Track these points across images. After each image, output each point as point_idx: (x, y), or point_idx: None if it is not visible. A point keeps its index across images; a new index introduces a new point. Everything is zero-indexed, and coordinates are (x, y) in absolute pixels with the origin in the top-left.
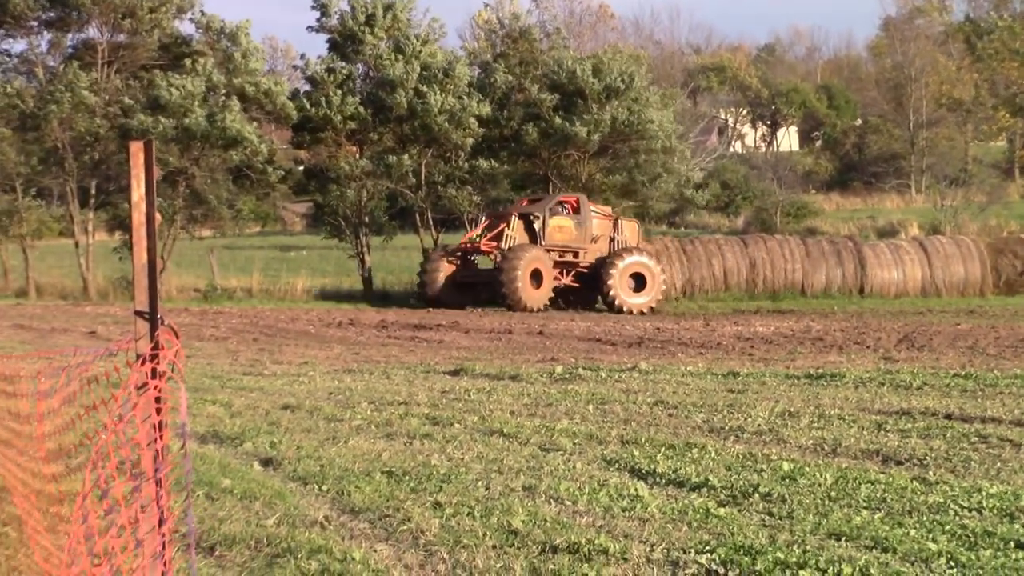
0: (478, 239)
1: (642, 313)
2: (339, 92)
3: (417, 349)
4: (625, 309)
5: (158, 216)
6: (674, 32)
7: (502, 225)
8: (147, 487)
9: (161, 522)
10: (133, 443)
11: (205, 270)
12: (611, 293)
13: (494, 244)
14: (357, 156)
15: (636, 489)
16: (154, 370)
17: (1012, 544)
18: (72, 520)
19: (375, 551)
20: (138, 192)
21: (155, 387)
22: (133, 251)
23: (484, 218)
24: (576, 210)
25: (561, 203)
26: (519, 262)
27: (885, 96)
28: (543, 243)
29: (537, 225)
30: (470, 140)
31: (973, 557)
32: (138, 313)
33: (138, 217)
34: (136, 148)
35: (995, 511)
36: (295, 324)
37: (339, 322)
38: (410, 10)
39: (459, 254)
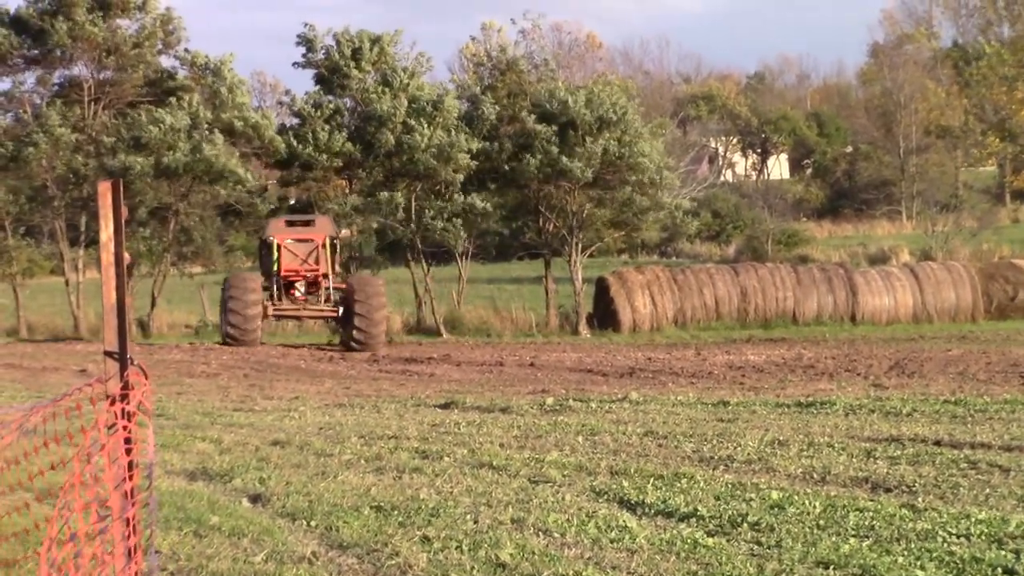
0: (301, 263)
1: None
2: (326, 127)
3: (408, 382)
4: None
5: (127, 256)
6: (663, 61)
7: (316, 248)
8: (115, 527)
9: (129, 560)
10: (100, 483)
11: (196, 306)
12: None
13: (316, 269)
14: (347, 191)
15: (624, 520)
16: (124, 410)
17: (1000, 570)
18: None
19: None
20: (106, 232)
21: (124, 427)
22: (103, 291)
23: (267, 242)
24: None
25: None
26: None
27: (875, 123)
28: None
29: (338, 246)
30: (460, 176)
31: None
32: (107, 353)
33: (106, 257)
34: (104, 188)
35: (983, 537)
36: (286, 359)
37: (330, 356)
38: (396, 44)
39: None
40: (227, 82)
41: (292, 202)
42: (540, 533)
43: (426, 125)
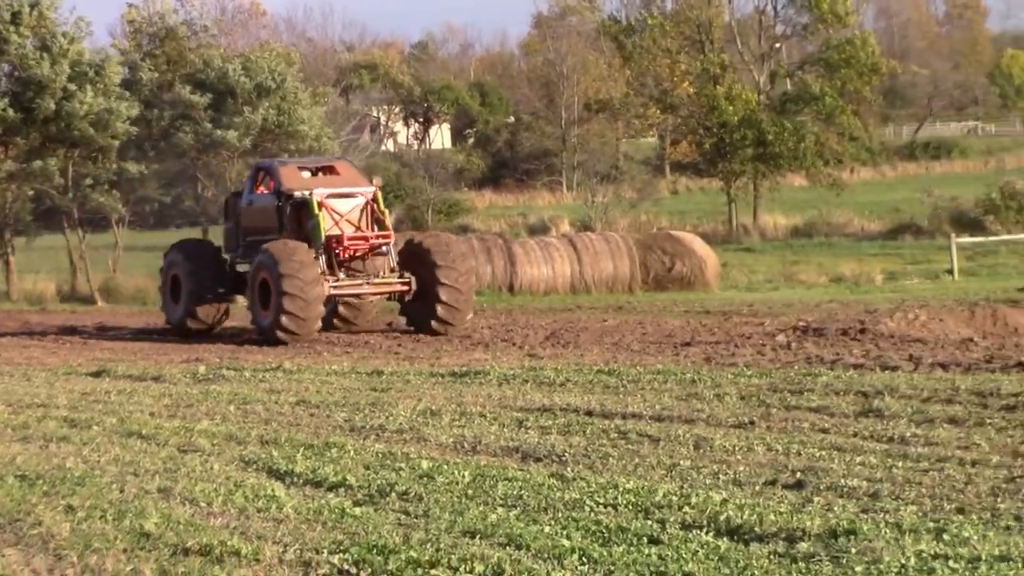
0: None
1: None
2: None
3: (60, 351)
4: None
5: None
6: (327, 29)
7: (367, 205)
8: None
9: None
10: None
11: None
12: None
13: (388, 235)
14: (2, 157)
15: (273, 489)
16: None
17: (645, 539)
18: None
19: (3, 556)
20: None
21: None
22: None
23: (298, 200)
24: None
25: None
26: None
27: (537, 93)
28: None
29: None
30: (116, 142)
31: (605, 553)
32: None
33: None
34: None
35: (630, 507)
36: None
37: None
38: (57, 8)
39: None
40: None
41: None
42: (187, 503)
43: (88, 91)
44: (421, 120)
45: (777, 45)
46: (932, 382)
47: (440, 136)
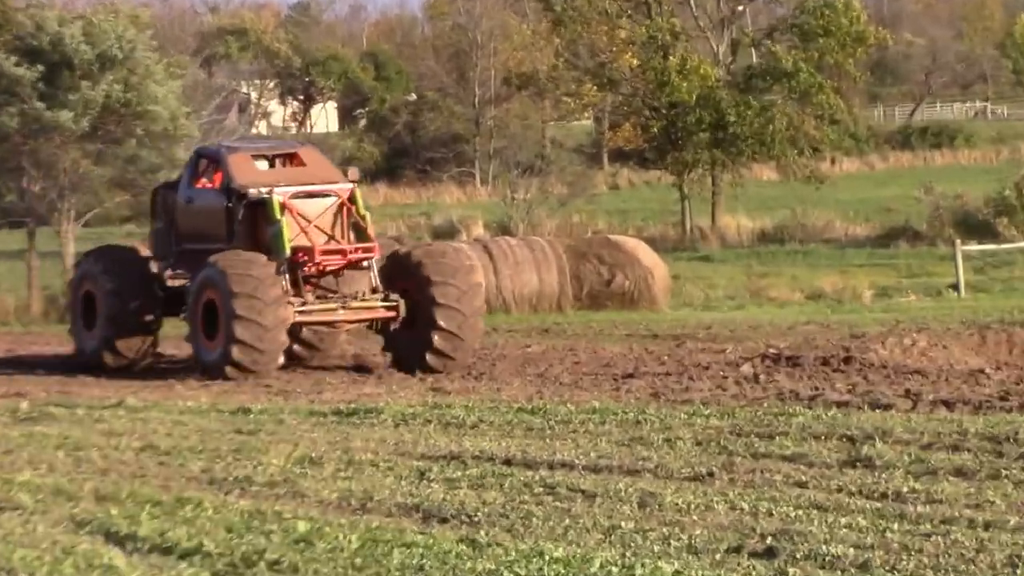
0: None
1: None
2: None
3: None
4: None
5: None
6: None
7: (342, 206)
8: None
9: None
10: None
11: None
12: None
13: (371, 247)
14: None
15: (111, 558)
16: None
17: None
18: None
19: None
20: None
21: None
22: None
23: (253, 199)
24: None
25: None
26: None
27: (445, 66)
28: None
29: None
30: None
31: None
32: None
33: None
34: None
35: None
36: None
37: None
38: None
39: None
40: None
41: None
42: (3, 573)
43: None
44: (301, 97)
45: (740, 8)
46: (934, 424)
47: (324, 117)
